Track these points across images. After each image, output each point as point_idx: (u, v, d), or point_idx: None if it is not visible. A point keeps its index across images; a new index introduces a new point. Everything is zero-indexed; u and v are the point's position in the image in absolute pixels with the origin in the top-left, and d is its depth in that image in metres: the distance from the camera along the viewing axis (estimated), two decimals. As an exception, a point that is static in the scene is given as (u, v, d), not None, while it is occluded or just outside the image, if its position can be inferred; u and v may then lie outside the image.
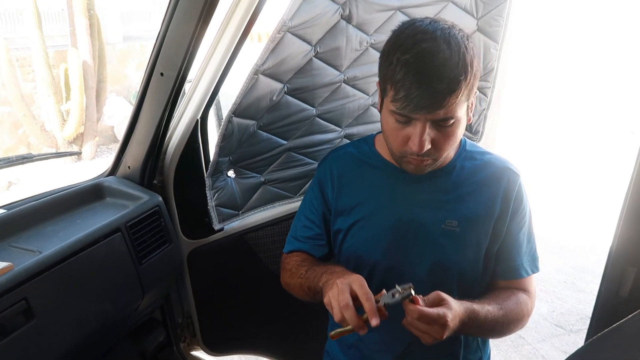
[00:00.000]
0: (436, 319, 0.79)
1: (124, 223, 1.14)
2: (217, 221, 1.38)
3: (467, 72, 0.85)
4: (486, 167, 1.05)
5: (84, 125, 6.23)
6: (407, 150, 0.92)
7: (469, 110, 0.94)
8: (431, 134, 0.89)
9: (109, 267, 1.10)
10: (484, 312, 0.91)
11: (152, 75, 1.12)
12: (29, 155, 1.21)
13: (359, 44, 1.29)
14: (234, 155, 1.33)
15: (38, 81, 6.02)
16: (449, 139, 0.92)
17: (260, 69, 1.17)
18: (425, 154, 0.91)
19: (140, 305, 1.25)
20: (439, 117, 0.86)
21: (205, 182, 1.31)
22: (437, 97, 0.84)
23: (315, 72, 1.28)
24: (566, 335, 2.66)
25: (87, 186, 1.26)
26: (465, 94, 0.87)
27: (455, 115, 0.88)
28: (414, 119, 0.88)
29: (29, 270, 0.92)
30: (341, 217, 1.10)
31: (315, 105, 1.36)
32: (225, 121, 1.23)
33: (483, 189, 1.03)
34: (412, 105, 0.85)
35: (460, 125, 0.92)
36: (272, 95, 1.25)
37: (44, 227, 1.12)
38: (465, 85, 0.86)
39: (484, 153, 1.09)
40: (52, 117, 6.08)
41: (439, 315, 0.80)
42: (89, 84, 6.19)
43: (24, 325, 0.90)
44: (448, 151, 0.95)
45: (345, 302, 0.80)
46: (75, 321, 1.01)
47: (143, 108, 1.20)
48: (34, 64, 5.95)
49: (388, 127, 0.94)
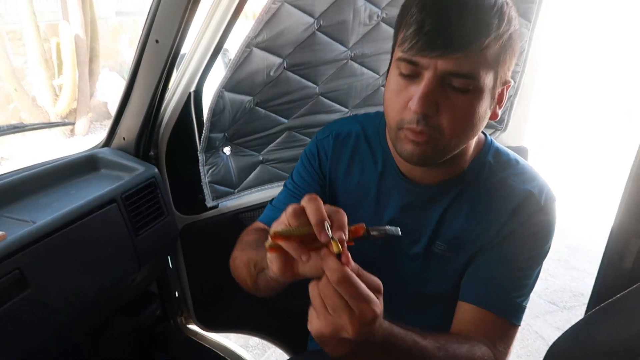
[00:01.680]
0: (366, 299, 0.52)
1: (120, 194, 1.12)
2: (210, 198, 1.35)
3: (502, 23, 0.68)
4: (502, 186, 0.84)
5: (77, 100, 6.14)
6: (405, 117, 0.73)
7: (495, 92, 0.74)
8: (439, 97, 0.70)
9: (105, 239, 1.08)
10: (409, 343, 0.63)
11: (146, 42, 1.09)
12: (20, 124, 1.18)
13: (368, 17, 1.20)
14: (229, 132, 1.29)
15: (29, 55, 5.90)
16: (462, 112, 0.71)
17: (254, 42, 1.12)
18: (427, 124, 0.70)
19: (137, 277, 1.24)
20: (455, 68, 0.67)
21: (199, 158, 1.29)
22: (456, 35, 0.66)
23: (318, 47, 1.21)
24: (559, 312, 2.69)
25: (81, 157, 1.24)
26: (494, 54, 0.68)
27: (476, 76, 0.68)
28: (421, 68, 0.69)
29: (23, 240, 0.90)
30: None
31: (319, 83, 1.30)
32: (215, 95, 1.19)
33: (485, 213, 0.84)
34: (423, 42, 0.66)
35: (480, 101, 0.71)
36: (269, 70, 1.20)
37: (38, 197, 1.10)
38: (497, 39, 0.67)
39: (509, 166, 0.86)
40: (44, 92, 5.99)
41: (369, 298, 0.53)
42: (82, 58, 6.07)
43: (18, 295, 0.88)
44: (457, 135, 0.73)
45: (292, 209, 0.58)
46: (71, 292, 1.00)
47: (138, 77, 1.17)
48: (25, 38, 5.82)
49: (389, 90, 0.76)
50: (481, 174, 0.85)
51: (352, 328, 0.52)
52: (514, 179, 0.84)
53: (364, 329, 0.53)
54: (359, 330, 0.52)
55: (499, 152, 0.87)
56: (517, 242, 0.82)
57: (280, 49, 1.18)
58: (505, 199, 0.82)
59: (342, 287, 0.52)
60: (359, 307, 0.52)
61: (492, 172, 0.85)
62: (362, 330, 0.53)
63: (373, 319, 0.53)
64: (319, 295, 0.54)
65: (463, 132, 0.74)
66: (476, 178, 0.85)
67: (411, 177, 0.86)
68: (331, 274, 0.52)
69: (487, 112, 0.75)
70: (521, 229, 0.82)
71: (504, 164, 0.86)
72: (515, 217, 0.81)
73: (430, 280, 0.90)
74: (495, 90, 0.74)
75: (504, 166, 0.85)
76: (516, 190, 0.82)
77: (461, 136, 0.75)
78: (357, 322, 0.52)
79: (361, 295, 0.52)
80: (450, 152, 0.77)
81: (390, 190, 0.89)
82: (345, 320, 0.52)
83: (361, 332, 0.53)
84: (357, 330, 0.52)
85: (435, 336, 0.69)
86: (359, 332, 0.52)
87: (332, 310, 0.53)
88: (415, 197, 0.87)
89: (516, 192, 0.82)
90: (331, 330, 0.54)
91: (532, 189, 0.82)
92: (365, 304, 0.52)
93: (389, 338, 0.60)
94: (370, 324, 0.53)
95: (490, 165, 0.85)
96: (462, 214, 0.85)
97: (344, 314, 0.52)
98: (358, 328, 0.52)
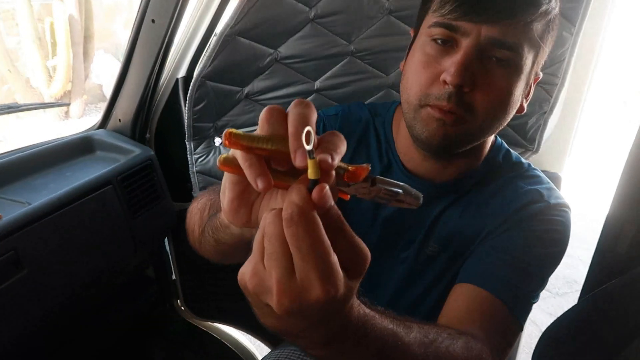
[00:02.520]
0: (319, 265, 0.34)
1: (116, 176, 1.12)
2: (197, 188, 1.31)
3: (554, 1, 0.64)
4: (509, 186, 0.78)
5: (72, 82, 6.07)
6: (432, 92, 0.65)
7: (530, 78, 0.69)
8: (477, 71, 0.63)
9: (101, 221, 1.08)
10: (386, 339, 0.46)
11: (142, 22, 1.07)
12: (15, 104, 1.17)
13: (372, 10, 1.11)
14: (219, 122, 1.25)
15: (22, 35, 5.82)
16: (500, 90, 0.65)
17: (236, 30, 1.07)
18: (459, 101, 0.63)
19: (133, 260, 1.24)
20: (500, 36, 0.61)
21: (187, 146, 1.26)
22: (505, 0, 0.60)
23: (315, 39, 1.14)
24: (552, 298, 2.72)
25: (76, 139, 1.22)
26: (539, 31, 0.64)
27: (521, 50, 0.63)
28: (461, 35, 0.62)
29: (18, 221, 0.89)
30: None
31: (316, 79, 1.22)
32: (194, 83, 1.14)
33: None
34: (468, 5, 0.60)
35: (518, 81, 0.66)
36: (258, 62, 1.15)
37: (33, 179, 1.09)
38: (544, 15, 0.63)
39: (518, 167, 0.81)
40: (38, 74, 5.91)
41: (327, 266, 0.34)
42: (76, 39, 5.99)
43: (13, 276, 0.88)
44: (490, 118, 0.67)
45: (269, 108, 0.40)
46: (67, 274, 1.00)
47: (134, 58, 1.15)
48: (18, 17, 5.73)
49: (413, 61, 0.68)
50: (490, 173, 0.79)
51: (277, 298, 0.35)
52: (523, 180, 0.78)
53: (296, 306, 0.35)
54: (287, 304, 0.35)
55: (509, 153, 0.83)
56: (521, 233, 0.73)
57: (269, 39, 1.12)
58: (512, 196, 0.77)
59: (290, 232, 0.34)
60: (303, 272, 0.34)
61: (501, 172, 0.79)
62: (292, 308, 0.35)
63: (318, 300, 0.34)
64: (262, 231, 0.36)
65: (496, 115, 0.67)
66: (484, 177, 0.79)
67: (416, 173, 0.79)
68: (286, 207, 0.34)
69: (519, 99, 0.69)
70: (527, 223, 0.74)
71: (514, 166, 0.81)
72: (521, 212, 0.75)
73: (419, 282, 0.83)
74: (530, 76, 0.69)
75: (514, 167, 0.81)
76: (523, 189, 0.77)
77: (493, 120, 0.68)
78: (289, 291, 0.35)
79: (316, 256, 0.34)
80: (475, 140, 0.70)
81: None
82: (272, 282, 0.35)
83: (290, 310, 0.35)
84: (282, 303, 0.35)
85: (424, 328, 0.55)
86: (287, 307, 0.35)
87: (266, 259, 0.36)
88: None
89: (523, 191, 0.77)
90: (254, 285, 0.36)
91: (540, 189, 0.77)
92: (315, 272, 0.34)
93: (356, 331, 0.41)
94: (312, 306, 0.35)
95: (500, 165, 0.80)
96: (463, 213, 0.78)
97: (275, 272, 0.35)
98: (287, 301, 0.35)
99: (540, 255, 0.73)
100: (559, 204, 0.76)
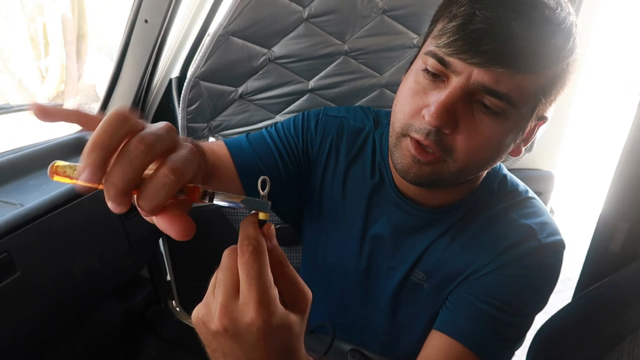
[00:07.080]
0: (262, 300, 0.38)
1: (109, 177, 1.11)
2: None
3: (565, 47, 0.55)
4: (501, 218, 0.73)
5: (65, 82, 6.03)
6: (413, 123, 0.60)
7: (527, 125, 0.61)
8: (462, 114, 0.57)
9: (94, 222, 1.07)
10: None
11: (135, 22, 1.07)
12: (6, 105, 1.16)
13: (366, 9, 1.11)
14: (213, 122, 1.25)
15: (15, 35, 5.78)
16: (483, 139, 0.59)
17: (229, 30, 1.06)
18: (438, 140, 0.58)
19: (127, 261, 1.23)
20: (492, 84, 0.54)
21: None
22: (507, 44, 0.52)
23: (309, 39, 1.14)
24: (546, 295, 2.73)
25: (69, 139, 1.22)
26: (543, 82, 0.56)
27: (514, 100, 0.55)
28: (452, 71, 0.56)
29: (10, 223, 0.88)
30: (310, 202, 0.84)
31: (310, 79, 1.23)
32: (187, 84, 1.14)
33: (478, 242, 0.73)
34: (464, 42, 0.53)
35: (508, 131, 0.59)
36: (252, 62, 1.15)
37: (25, 180, 1.08)
38: (552, 64, 0.55)
39: (513, 196, 0.75)
40: (31, 74, 5.87)
41: (303, 289, 0.42)
42: (69, 38, 5.96)
43: (6, 279, 0.87)
44: (469, 164, 0.61)
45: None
46: (60, 276, 0.99)
47: (127, 58, 1.15)
48: (10, 17, 5.69)
49: (405, 87, 0.64)
50: (483, 201, 0.74)
51: (219, 318, 0.38)
52: (517, 211, 0.73)
53: (232, 326, 0.38)
54: (225, 323, 0.38)
55: (506, 179, 0.77)
56: (508, 278, 0.69)
57: (263, 39, 1.11)
58: (503, 232, 0.71)
59: (244, 260, 0.39)
60: (244, 296, 0.38)
61: (494, 201, 0.74)
62: (229, 327, 0.38)
63: (253, 322, 0.37)
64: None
65: (476, 162, 0.61)
66: (477, 205, 0.74)
67: (407, 195, 0.75)
68: (242, 238, 0.40)
69: (510, 146, 0.63)
70: (515, 265, 0.69)
71: (509, 194, 0.75)
72: (511, 252, 0.70)
73: (406, 307, 0.80)
74: (527, 124, 0.61)
75: (509, 195, 0.75)
76: (516, 223, 0.71)
77: (473, 166, 0.62)
78: (229, 313, 0.38)
79: (260, 282, 0.37)
80: (456, 181, 0.65)
81: (383, 205, 0.78)
82: (216, 306, 0.39)
83: (228, 329, 0.38)
84: (222, 323, 0.38)
85: None
86: (226, 326, 0.38)
87: (216, 287, 0.40)
88: (410, 219, 0.75)
89: (515, 225, 0.71)
90: (203, 314, 0.40)
91: (533, 225, 0.71)
92: (255, 296, 0.37)
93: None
94: (248, 327, 0.37)
95: (494, 193, 0.74)
96: (450, 245, 0.74)
97: (221, 297, 0.39)
98: (226, 321, 0.38)
99: (525, 303, 0.70)
100: (551, 243, 0.70)
